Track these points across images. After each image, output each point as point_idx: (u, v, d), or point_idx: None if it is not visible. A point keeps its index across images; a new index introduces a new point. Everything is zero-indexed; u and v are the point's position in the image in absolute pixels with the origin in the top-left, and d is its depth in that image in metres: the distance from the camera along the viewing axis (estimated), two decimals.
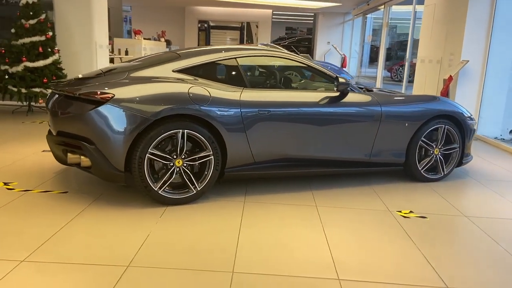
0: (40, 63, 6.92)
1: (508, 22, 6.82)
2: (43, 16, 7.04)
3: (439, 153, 4.39)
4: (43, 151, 4.78)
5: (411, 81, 10.07)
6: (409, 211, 3.59)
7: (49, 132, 3.63)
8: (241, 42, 19.68)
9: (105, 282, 2.27)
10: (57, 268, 2.39)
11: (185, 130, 3.32)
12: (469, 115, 4.55)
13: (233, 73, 3.75)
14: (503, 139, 7.01)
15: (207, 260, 2.58)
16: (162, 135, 3.26)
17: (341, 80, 3.83)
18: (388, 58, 17.16)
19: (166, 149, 3.38)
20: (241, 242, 2.84)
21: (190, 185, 3.42)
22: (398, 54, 20.24)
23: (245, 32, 19.96)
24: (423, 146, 4.30)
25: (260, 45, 10.12)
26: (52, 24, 7.42)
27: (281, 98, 3.71)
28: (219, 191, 3.78)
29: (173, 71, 3.56)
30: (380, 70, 13.58)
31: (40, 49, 6.92)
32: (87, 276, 2.33)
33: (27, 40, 6.90)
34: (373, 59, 19.23)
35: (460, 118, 4.38)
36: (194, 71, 3.61)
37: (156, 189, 3.31)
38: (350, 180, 4.30)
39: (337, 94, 3.95)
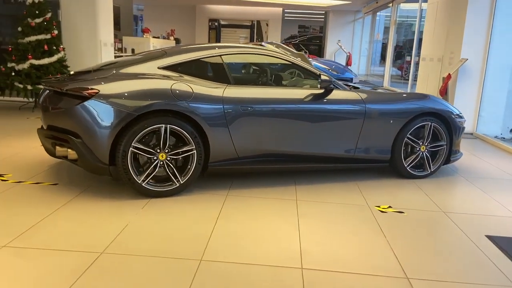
0: (45, 60, 7.13)
1: (508, 20, 6.78)
2: (48, 15, 7.25)
3: (426, 150, 4.43)
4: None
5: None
6: (387, 206, 3.65)
7: (42, 126, 3.79)
8: (251, 41, 19.76)
9: (76, 267, 2.41)
10: (34, 254, 2.53)
11: (168, 125, 3.44)
12: (458, 113, 4.58)
13: (218, 70, 3.85)
14: (504, 138, 6.98)
15: (179, 248, 2.69)
16: (145, 130, 3.39)
17: (323, 77, 3.90)
18: (399, 56, 17.07)
19: (150, 143, 3.50)
20: (215, 232, 2.95)
21: (173, 179, 3.54)
22: (410, 53, 20.08)
23: (255, 31, 20.04)
24: (409, 143, 4.35)
25: (264, 44, 10.21)
26: (57, 23, 7.62)
27: (264, 95, 3.80)
28: (204, 185, 3.90)
29: (158, 68, 3.68)
30: (387, 69, 13.54)
31: (46, 47, 7.13)
32: (60, 261, 2.46)
33: (33, 38, 7.11)
34: (384, 58, 19.13)
35: (447, 116, 4.41)
36: (179, 68, 3.73)
37: (139, 182, 3.44)
38: (336, 176, 4.37)
39: (322, 91, 4.03)
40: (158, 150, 3.48)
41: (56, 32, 7.32)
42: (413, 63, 10.88)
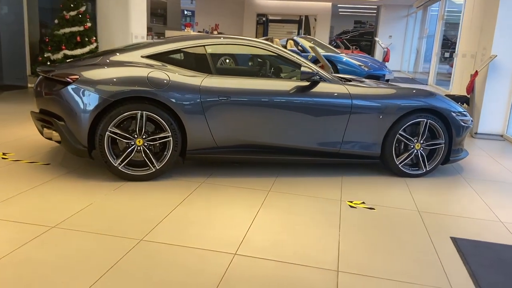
0: (78, 51, 7.58)
1: None
2: (82, 8, 7.69)
3: (421, 148, 4.26)
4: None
5: None
6: (361, 202, 3.57)
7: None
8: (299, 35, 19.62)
9: (22, 238, 2.60)
10: None
11: (144, 112, 3.58)
12: (460, 110, 4.36)
13: (200, 60, 3.94)
14: None
15: (126, 228, 2.82)
16: (121, 115, 3.55)
17: (304, 69, 3.86)
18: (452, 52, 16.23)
19: (129, 129, 3.66)
20: (170, 216, 3.05)
21: (150, 164, 3.68)
22: None
23: (303, 25, 19.89)
24: (401, 140, 4.20)
25: (296, 38, 10.16)
26: (90, 16, 8.05)
27: (243, 85, 3.83)
28: (185, 172, 4.01)
29: (141, 56, 3.83)
30: (433, 66, 12.97)
31: (78, 38, 7.58)
32: (7, 232, 2.67)
33: (67, 30, 7.58)
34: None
35: (445, 113, 4.21)
36: (162, 57, 3.86)
37: (116, 165, 3.61)
38: (323, 170, 4.32)
39: (307, 83, 3.99)
40: (136, 136, 3.62)
41: (89, 24, 7.75)
42: (455, 60, 10.35)
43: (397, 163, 4.23)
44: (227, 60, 4.58)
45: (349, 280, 2.38)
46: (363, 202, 3.57)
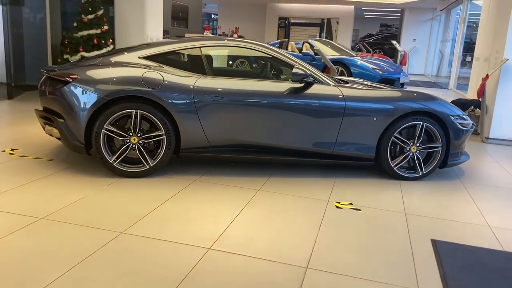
0: (95, 53, 7.82)
1: None
2: (100, 12, 7.94)
3: (417, 151, 4.24)
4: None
5: None
6: (348, 203, 3.59)
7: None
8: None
9: (9, 228, 2.75)
10: None
11: (139, 111, 3.71)
12: (458, 113, 4.31)
13: (196, 61, 4.04)
14: None
15: (109, 221, 2.94)
16: (116, 114, 3.69)
17: (295, 70, 3.91)
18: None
19: (125, 127, 3.79)
20: (156, 211, 3.15)
21: (143, 161, 3.80)
22: None
23: (325, 29, 19.85)
24: (397, 142, 4.19)
25: (311, 41, 10.18)
26: (108, 19, 8.31)
27: (236, 86, 3.91)
28: (180, 169, 4.12)
29: (139, 57, 3.97)
30: (454, 69, 12.74)
31: (95, 41, 7.83)
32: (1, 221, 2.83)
33: (85, 32, 7.84)
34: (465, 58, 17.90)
35: (442, 116, 4.18)
36: (159, 58, 3.99)
37: (111, 161, 3.75)
38: (318, 171, 4.36)
39: (300, 85, 4.04)
40: (131, 134, 3.75)
41: (105, 27, 8.00)
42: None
43: (392, 165, 4.22)
44: (223, 62, 4.66)
45: (315, 277, 2.42)
46: (351, 203, 3.59)
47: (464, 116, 4.38)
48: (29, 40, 8.97)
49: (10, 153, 4.34)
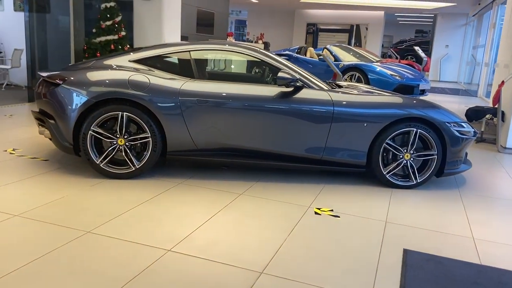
0: None
1: None
2: (117, 19, 8.17)
3: (411, 159, 4.11)
4: None
5: None
6: (329, 209, 3.52)
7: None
8: (349, 45, 19.35)
9: None
10: None
11: (125, 113, 3.78)
12: (455, 121, 4.15)
13: (185, 65, 4.08)
14: None
15: (81, 220, 3.00)
16: (103, 116, 3.77)
17: (281, 74, 3.87)
18: None
19: (113, 129, 3.86)
20: (129, 212, 3.19)
21: (130, 163, 3.87)
22: None
23: (353, 35, 19.61)
24: (389, 149, 4.08)
25: (329, 47, 10.08)
26: (126, 25, 8.53)
27: (222, 90, 3.92)
28: (168, 172, 4.15)
29: (129, 61, 4.04)
30: (484, 76, 12.28)
31: (112, 46, 8.05)
32: None
33: (102, 38, 8.09)
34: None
35: (437, 123, 4.03)
36: (148, 62, 4.06)
37: (97, 162, 3.83)
38: (308, 177, 4.29)
39: (290, 89, 4.00)
40: (118, 136, 3.83)
41: (123, 33, 8.22)
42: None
43: (384, 172, 4.11)
44: (210, 66, 4.65)
45: (267, 282, 2.38)
46: (331, 210, 3.51)
47: (463, 124, 4.20)
48: (53, 45, 9.33)
49: (11, 153, 4.52)
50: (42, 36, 9.34)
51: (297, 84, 3.97)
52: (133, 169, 3.88)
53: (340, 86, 4.56)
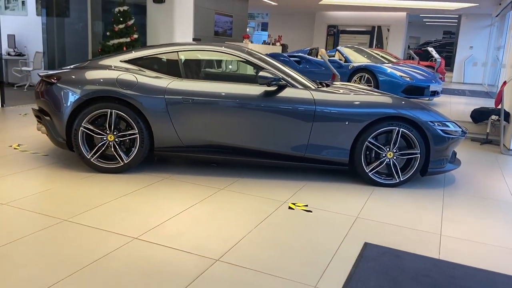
0: None
1: None
2: (130, 22, 8.47)
3: (394, 157, 4.15)
4: None
5: None
6: (304, 205, 3.61)
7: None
8: (370, 46, 19.23)
9: None
10: None
11: (114, 110, 3.98)
12: (440, 120, 4.17)
13: (173, 65, 4.25)
14: None
15: (61, 210, 3.20)
16: (93, 113, 3.99)
17: (261, 74, 3.98)
18: None
19: (104, 125, 4.07)
20: (109, 204, 3.38)
21: (118, 158, 4.07)
22: None
23: (375, 36, 19.45)
24: (372, 148, 4.13)
25: (339, 48, 10.09)
26: (139, 28, 8.82)
27: (207, 88, 4.07)
28: (156, 167, 4.33)
29: (120, 61, 4.25)
30: (502, 78, 11.99)
31: (124, 48, 8.35)
32: None
33: (115, 41, 8.40)
34: None
35: (419, 122, 4.06)
36: (138, 62, 4.25)
37: (88, 157, 4.05)
38: (292, 174, 4.39)
39: (273, 88, 4.11)
40: (107, 132, 4.03)
41: (135, 36, 8.51)
42: None
43: (367, 171, 4.16)
44: (197, 65, 4.78)
45: (220, 269, 2.50)
46: (306, 205, 3.60)
47: (447, 123, 4.21)
48: (72, 48, 9.74)
49: (15, 148, 4.80)
50: (61, 39, 9.77)
51: (280, 83, 4.08)
52: (122, 164, 4.07)
53: (327, 85, 4.63)
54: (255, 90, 4.09)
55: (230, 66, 5.08)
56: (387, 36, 19.35)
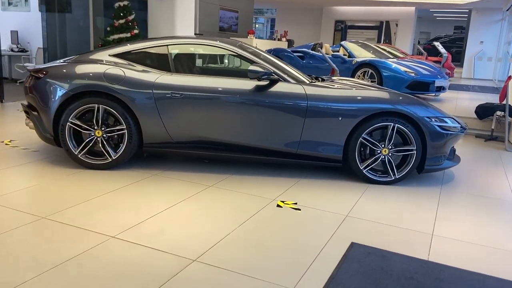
0: None
1: None
2: (130, 17, 8.40)
3: (389, 154, 4.02)
4: None
5: None
6: (292, 202, 3.50)
7: None
8: (379, 42, 18.97)
9: None
10: None
11: (101, 105, 3.91)
12: (437, 115, 4.03)
13: (162, 59, 4.16)
14: None
15: (41, 206, 3.13)
16: (80, 108, 3.91)
17: (252, 68, 3.87)
18: None
19: (92, 120, 3.99)
20: (92, 200, 3.31)
21: (106, 154, 3.99)
22: None
23: (383, 31, 19.18)
24: (366, 144, 4.01)
25: (343, 43, 9.93)
26: (139, 23, 8.75)
27: (196, 83, 3.96)
28: (146, 164, 4.25)
29: (109, 55, 4.17)
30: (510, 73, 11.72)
31: None
32: None
33: (116, 36, 8.34)
34: None
35: (415, 118, 3.93)
36: (127, 56, 4.17)
37: (76, 153, 3.98)
38: (285, 171, 4.28)
39: (265, 83, 4.00)
40: (95, 127, 3.96)
41: (135, 31, 8.44)
42: None
43: (361, 168, 4.04)
44: (187, 59, 4.67)
45: (195, 269, 2.41)
46: (295, 203, 3.49)
47: (445, 119, 4.07)
48: (74, 43, 9.71)
49: (6, 144, 4.76)
50: (63, 35, 9.74)
51: (271, 77, 3.97)
52: (110, 160, 4.00)
53: (323, 80, 4.51)
54: (247, 84, 3.98)
55: (223, 60, 4.97)
56: (396, 31, 19.07)
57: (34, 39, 10.33)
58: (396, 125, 3.94)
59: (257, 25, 34.55)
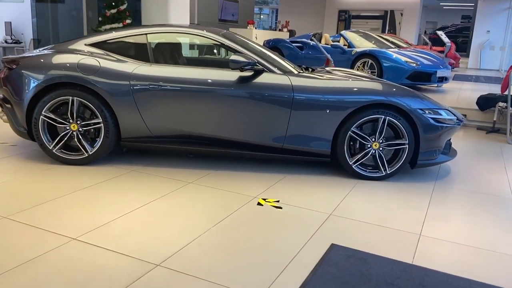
0: None
1: None
2: (122, 7, 8.20)
3: (380, 148, 3.80)
4: None
5: None
6: (274, 200, 3.31)
7: None
8: (383, 32, 18.60)
9: None
10: None
11: (75, 98, 3.72)
12: (431, 107, 3.81)
13: (140, 48, 3.96)
14: None
15: (6, 205, 2.96)
16: (54, 100, 3.73)
17: (234, 58, 3.66)
18: None
19: (67, 114, 3.81)
20: (62, 198, 3.13)
21: (83, 149, 3.81)
22: None
23: (387, 21, 18.81)
24: (356, 138, 3.79)
25: (343, 33, 9.67)
26: (132, 13, 8.55)
27: (176, 74, 3.76)
28: (127, 159, 4.07)
29: (85, 45, 3.98)
30: None
31: None
32: None
33: (107, 26, 8.15)
34: None
35: (408, 110, 3.70)
36: (103, 46, 3.97)
37: (50, 148, 3.81)
38: (272, 167, 4.09)
39: (249, 74, 3.79)
40: (70, 121, 3.78)
41: (128, 21, 8.25)
42: None
43: (351, 163, 3.83)
44: (167, 49, 4.43)
45: (158, 275, 2.23)
46: (277, 201, 3.30)
47: (440, 111, 3.84)
48: (67, 34, 9.51)
49: None
50: (56, 26, 9.55)
51: (256, 67, 3.75)
52: (86, 155, 3.82)
53: (313, 70, 4.28)
54: (230, 75, 3.78)
55: (209, 51, 4.76)
56: (400, 21, 18.69)
57: (27, 30, 10.14)
58: (387, 117, 3.72)
59: (262, 16, 34.17)
